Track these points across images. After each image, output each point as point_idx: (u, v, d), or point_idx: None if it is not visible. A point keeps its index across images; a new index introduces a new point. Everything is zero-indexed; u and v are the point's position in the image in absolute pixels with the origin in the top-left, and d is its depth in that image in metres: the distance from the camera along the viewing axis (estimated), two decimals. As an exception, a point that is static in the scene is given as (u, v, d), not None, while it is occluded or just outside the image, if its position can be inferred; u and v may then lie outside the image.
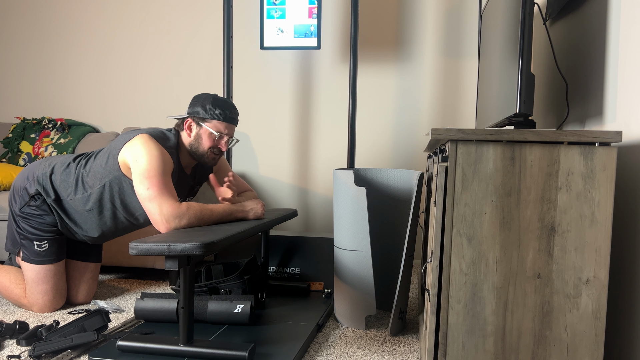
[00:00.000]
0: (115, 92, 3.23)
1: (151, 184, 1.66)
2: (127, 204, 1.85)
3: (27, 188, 1.89)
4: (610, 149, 1.08)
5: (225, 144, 1.85)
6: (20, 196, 1.90)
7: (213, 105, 1.81)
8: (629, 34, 1.27)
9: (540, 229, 1.11)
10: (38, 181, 1.88)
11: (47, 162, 1.94)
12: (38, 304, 1.90)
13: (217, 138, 1.83)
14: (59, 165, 1.90)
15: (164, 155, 1.73)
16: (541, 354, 1.13)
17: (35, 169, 1.92)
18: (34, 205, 1.87)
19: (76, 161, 1.91)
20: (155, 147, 1.72)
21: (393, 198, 1.99)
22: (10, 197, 1.95)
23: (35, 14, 3.31)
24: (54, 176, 1.88)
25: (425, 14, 2.84)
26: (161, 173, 1.69)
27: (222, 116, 1.81)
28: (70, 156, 1.95)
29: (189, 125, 1.84)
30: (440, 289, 1.16)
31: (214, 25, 3.08)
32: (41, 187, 1.87)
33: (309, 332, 1.67)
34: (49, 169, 1.90)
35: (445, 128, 1.13)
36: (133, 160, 1.71)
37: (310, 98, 2.98)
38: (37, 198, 1.87)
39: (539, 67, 2.23)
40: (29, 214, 1.88)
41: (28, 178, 1.91)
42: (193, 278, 1.43)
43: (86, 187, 1.84)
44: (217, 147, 1.85)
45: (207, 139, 1.83)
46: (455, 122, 2.84)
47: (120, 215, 1.88)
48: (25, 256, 1.89)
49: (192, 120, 1.83)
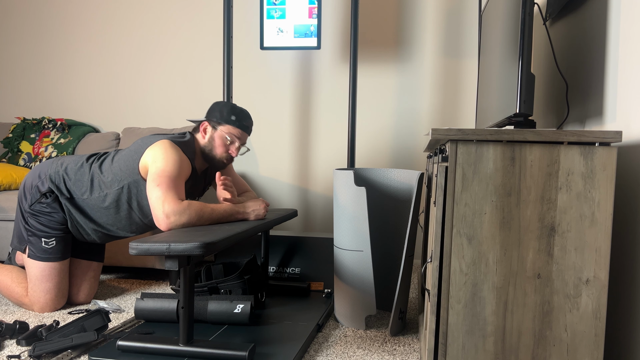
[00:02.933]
0: (115, 92, 3.23)
1: (161, 182, 1.69)
2: (143, 206, 1.88)
3: (38, 186, 1.92)
4: (610, 149, 1.08)
5: (236, 149, 1.92)
6: (31, 194, 1.93)
7: (230, 111, 1.90)
8: (629, 34, 1.27)
9: (540, 229, 1.11)
10: (51, 179, 1.91)
11: (58, 161, 1.97)
12: (39, 303, 1.91)
13: (229, 143, 1.90)
14: (72, 165, 1.93)
15: (183, 161, 1.78)
16: (541, 354, 1.13)
17: (47, 167, 1.95)
18: (45, 203, 1.90)
19: (89, 161, 1.94)
20: (176, 153, 1.78)
21: (393, 198, 1.99)
22: (20, 194, 1.97)
23: (35, 14, 3.31)
24: (67, 175, 1.91)
25: (425, 14, 2.84)
26: (175, 176, 1.73)
27: (237, 123, 1.90)
28: (82, 156, 1.98)
29: (204, 128, 1.92)
30: (440, 289, 1.16)
31: (214, 25, 3.08)
32: (54, 186, 1.90)
33: (309, 332, 1.67)
34: (61, 168, 1.93)
35: (445, 128, 1.13)
36: (152, 162, 1.76)
37: (310, 98, 2.98)
38: (48, 195, 1.90)
39: (539, 67, 2.23)
40: (38, 211, 1.90)
41: (40, 176, 1.94)
42: (193, 278, 1.43)
43: (102, 187, 1.87)
44: (228, 152, 1.92)
45: (219, 143, 1.90)
46: (455, 122, 2.84)
47: (135, 216, 1.91)
48: (32, 253, 1.91)
49: (208, 124, 1.91)
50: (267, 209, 1.91)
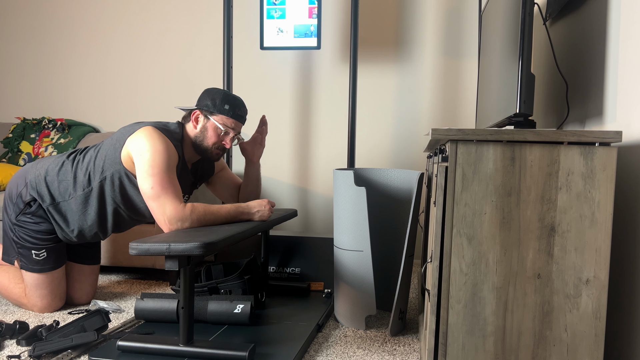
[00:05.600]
0: (115, 92, 3.23)
1: (155, 182, 1.63)
2: (127, 199, 1.80)
3: (21, 194, 1.84)
4: (610, 149, 1.08)
5: (230, 140, 1.83)
6: (14, 204, 1.85)
7: (223, 100, 1.79)
8: (629, 34, 1.27)
9: (540, 229, 1.11)
10: (31, 186, 1.83)
11: (38, 164, 1.88)
12: (37, 306, 1.89)
13: (222, 134, 1.81)
14: (52, 166, 1.84)
15: (168, 148, 1.69)
16: (541, 354, 1.13)
17: (27, 173, 1.87)
18: (30, 213, 1.82)
19: (71, 157, 1.85)
20: (160, 140, 1.68)
21: (393, 198, 1.99)
22: (4, 204, 1.89)
23: (35, 14, 3.31)
24: (48, 178, 1.82)
25: (425, 14, 2.84)
26: (165, 169, 1.66)
27: (231, 112, 1.79)
28: (62, 155, 1.89)
29: (196, 117, 1.82)
30: (440, 289, 1.16)
31: (214, 25, 3.08)
32: (35, 192, 1.82)
33: (309, 332, 1.67)
34: (42, 171, 1.84)
35: (445, 128, 1.13)
36: (137, 154, 1.67)
37: (310, 98, 2.98)
38: (32, 204, 1.82)
39: (539, 67, 2.22)
40: (25, 222, 1.83)
41: (20, 184, 1.85)
42: (193, 278, 1.43)
43: (85, 182, 1.79)
44: (221, 143, 1.83)
45: (212, 133, 1.80)
46: (455, 122, 2.84)
47: (122, 212, 1.84)
48: (24, 264, 1.85)
49: (199, 113, 1.81)
50: (272, 209, 1.83)
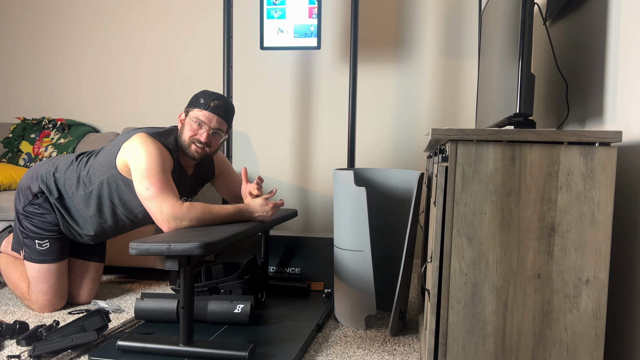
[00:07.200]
0: (115, 92, 3.23)
1: (150, 184, 1.66)
2: (125, 202, 1.85)
3: (30, 187, 1.92)
4: (610, 149, 1.08)
5: (206, 134, 1.78)
6: (24, 195, 1.93)
7: (200, 95, 1.81)
8: (629, 34, 1.27)
9: (540, 229, 1.11)
10: (41, 179, 1.91)
11: (51, 161, 1.96)
12: (38, 303, 1.91)
13: (196, 127, 1.78)
14: (62, 164, 1.92)
15: (162, 153, 1.72)
16: (541, 354, 1.13)
17: (39, 168, 1.95)
18: (37, 204, 1.89)
19: (78, 159, 1.93)
20: (153, 145, 1.72)
21: (393, 198, 1.99)
22: (15, 196, 1.98)
23: (35, 14, 3.31)
24: (57, 174, 1.90)
25: (425, 14, 2.84)
26: (160, 171, 1.68)
27: (204, 105, 1.78)
28: (73, 155, 1.97)
29: (180, 119, 1.85)
30: (440, 289, 1.16)
31: (214, 25, 3.08)
32: (44, 186, 1.89)
33: (309, 332, 1.67)
34: (52, 167, 1.92)
35: (445, 128, 1.13)
36: (132, 160, 1.72)
37: (310, 98, 2.98)
38: (39, 196, 1.89)
39: (539, 67, 2.22)
40: (31, 213, 1.90)
41: (32, 177, 1.94)
42: (193, 278, 1.43)
43: (87, 184, 1.86)
44: (196, 136, 1.79)
45: (188, 128, 1.80)
46: (455, 122, 2.84)
47: (119, 213, 1.88)
48: (27, 255, 1.91)
49: (183, 113, 1.84)
50: (275, 210, 1.79)
